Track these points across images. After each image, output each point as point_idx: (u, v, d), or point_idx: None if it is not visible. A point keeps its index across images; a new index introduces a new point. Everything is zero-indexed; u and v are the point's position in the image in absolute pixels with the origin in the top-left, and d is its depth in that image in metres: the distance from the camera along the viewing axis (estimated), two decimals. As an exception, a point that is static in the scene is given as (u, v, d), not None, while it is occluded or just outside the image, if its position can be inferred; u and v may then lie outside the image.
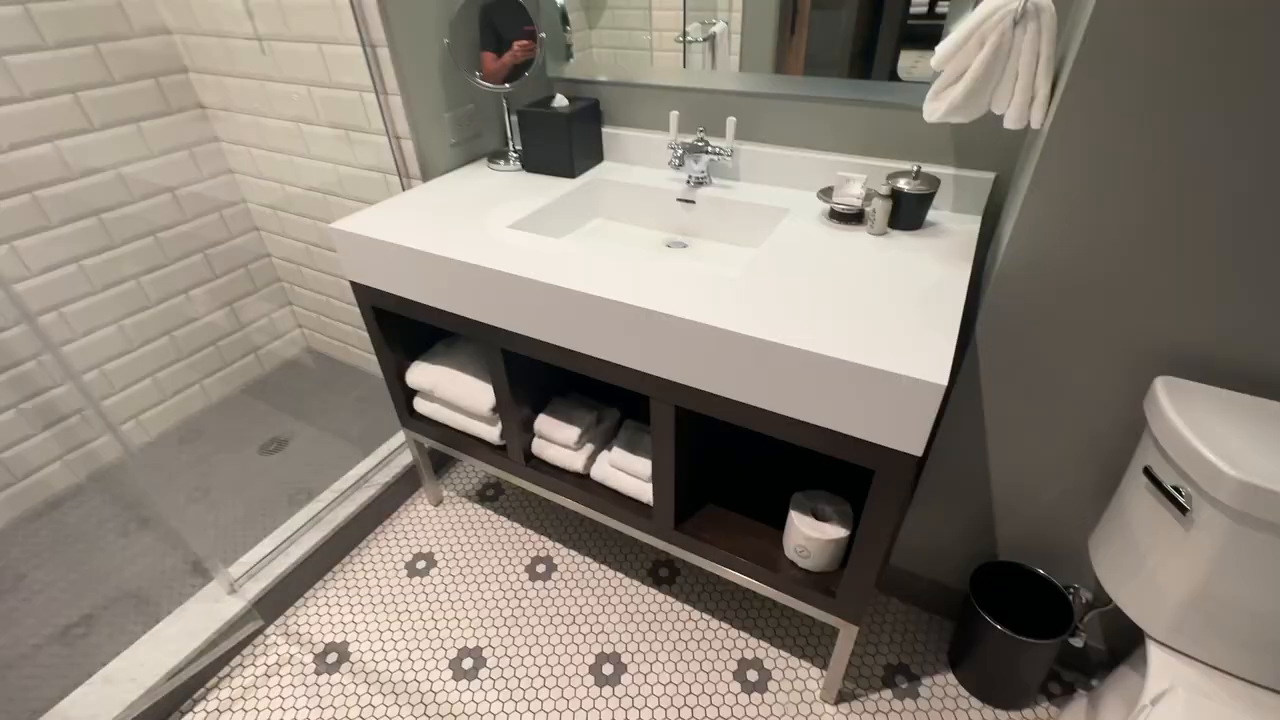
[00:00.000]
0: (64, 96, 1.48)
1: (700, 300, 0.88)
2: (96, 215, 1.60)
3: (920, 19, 1.06)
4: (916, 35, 1.08)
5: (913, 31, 1.08)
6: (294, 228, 1.83)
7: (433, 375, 1.33)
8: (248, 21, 1.44)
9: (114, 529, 1.61)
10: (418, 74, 1.30)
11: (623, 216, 1.36)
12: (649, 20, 1.32)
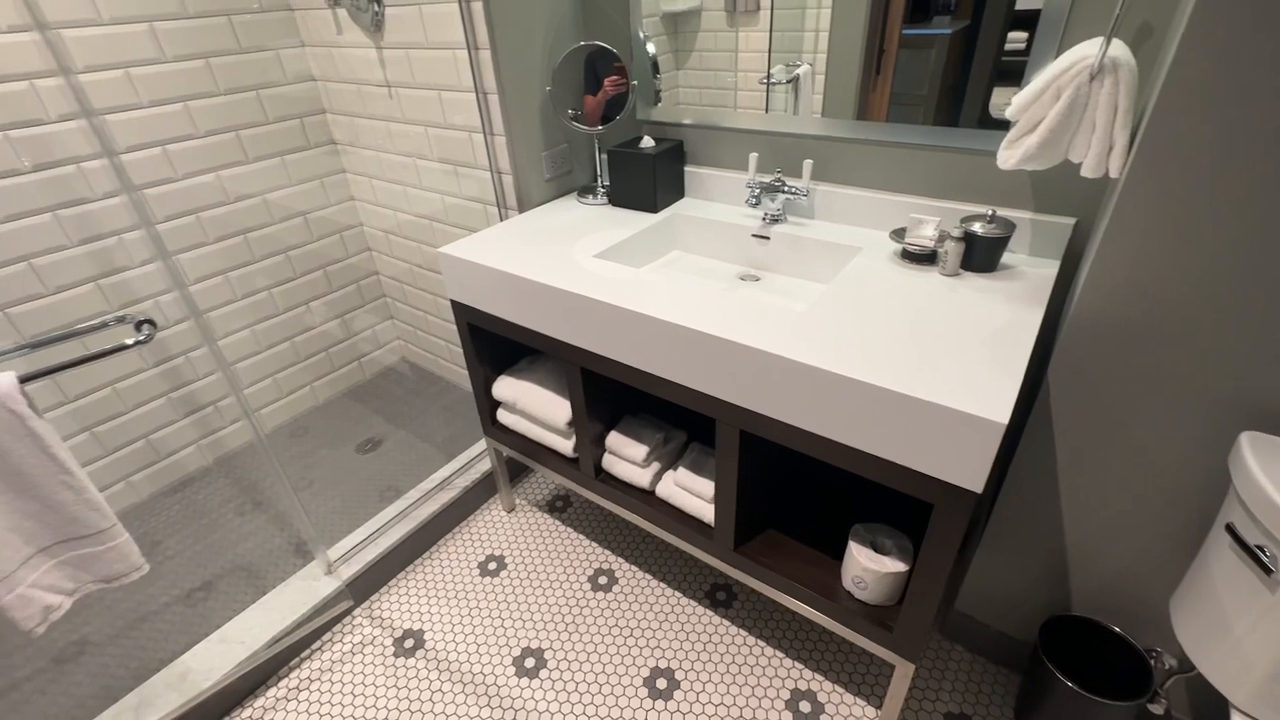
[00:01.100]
0: (228, 134, 1.74)
1: (769, 330, 0.94)
2: (243, 234, 1.86)
3: (1016, 55, 1.05)
4: (1011, 71, 1.06)
5: (1007, 68, 1.07)
6: (401, 250, 2.04)
7: (516, 389, 1.44)
8: (380, 71, 1.65)
9: (233, 509, 1.82)
10: (521, 117, 1.44)
11: (699, 249, 1.44)
12: (735, 62, 1.40)
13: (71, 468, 0.87)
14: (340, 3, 1.56)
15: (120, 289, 1.66)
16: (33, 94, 1.42)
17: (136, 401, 1.76)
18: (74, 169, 1.51)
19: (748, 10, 1.33)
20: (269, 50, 1.76)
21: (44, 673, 1.40)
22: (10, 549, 0.85)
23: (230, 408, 1.98)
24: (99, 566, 0.94)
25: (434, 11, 1.40)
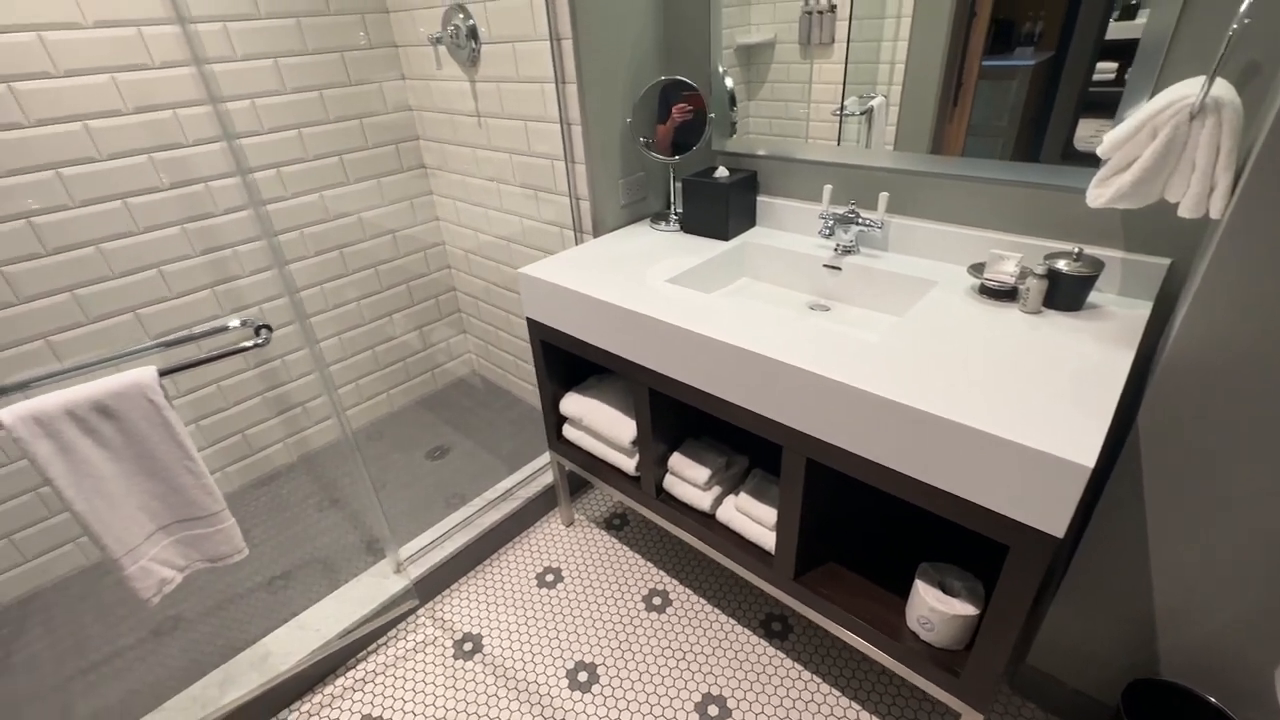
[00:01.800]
0: (333, 158, 1.90)
1: (842, 360, 0.94)
2: (339, 249, 2.01)
3: (1104, 85, 1.02)
4: (1098, 103, 1.04)
5: (1094, 99, 1.04)
6: (479, 268, 2.15)
7: (583, 406, 1.49)
8: (472, 102, 1.76)
9: (313, 504, 1.94)
10: (601, 146, 1.51)
11: (769, 277, 1.45)
12: (807, 93, 1.42)
13: (194, 454, 0.97)
14: (441, 40, 1.69)
15: (231, 296, 1.82)
16: (175, 122, 1.60)
17: (237, 399, 1.92)
18: (202, 187, 1.69)
19: (822, 43, 1.36)
20: (374, 83, 1.92)
21: (144, 643, 1.53)
22: (138, 525, 0.95)
23: (316, 409, 2.12)
24: (208, 546, 1.04)
25: (526, 49, 1.50)
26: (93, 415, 0.87)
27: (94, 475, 0.88)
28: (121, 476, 0.91)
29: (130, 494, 0.93)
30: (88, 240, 1.54)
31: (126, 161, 1.55)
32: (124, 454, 0.91)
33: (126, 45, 1.49)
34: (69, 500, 0.87)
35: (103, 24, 1.44)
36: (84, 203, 1.52)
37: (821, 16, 1.34)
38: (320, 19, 1.76)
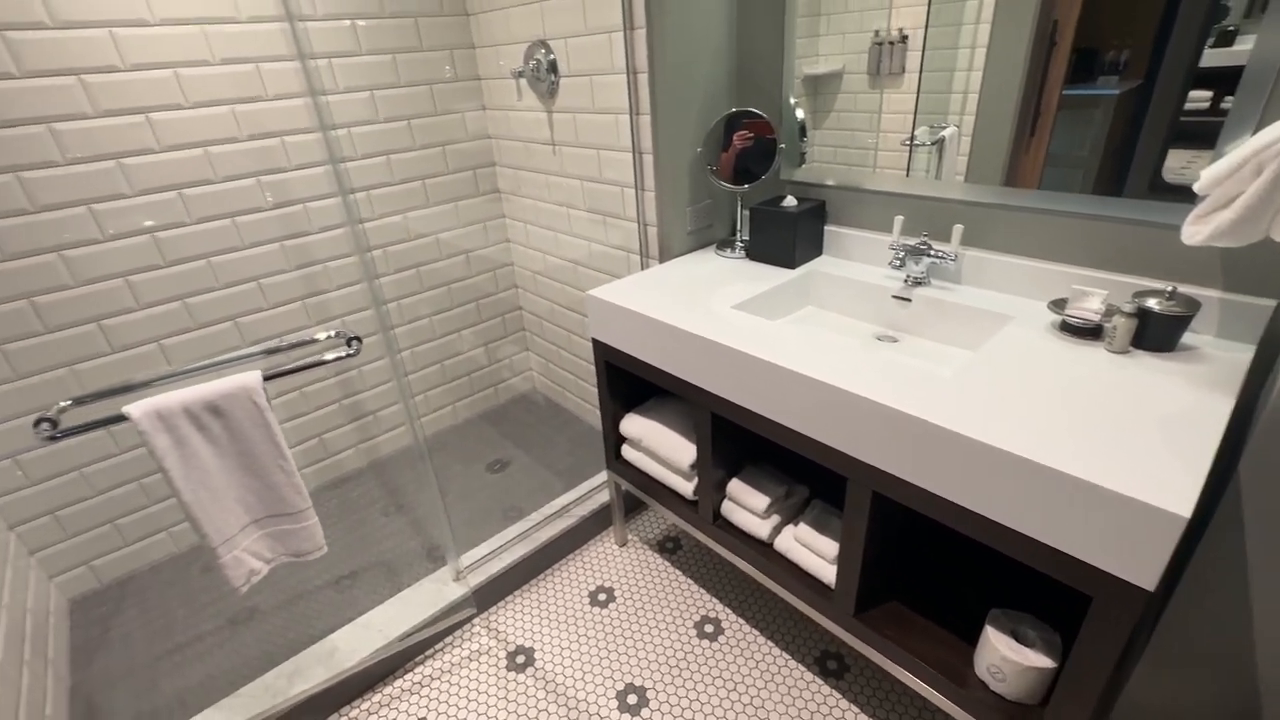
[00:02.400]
0: (416, 183, 2.03)
1: (912, 393, 0.93)
2: (416, 268, 2.13)
3: (1197, 115, 0.98)
4: (1190, 133, 0.99)
5: (1185, 129, 1.00)
6: (546, 289, 2.22)
7: (643, 427, 1.51)
8: (548, 131, 1.85)
9: (379, 509, 2.03)
10: (671, 175, 1.55)
11: (835, 307, 1.45)
12: (875, 123, 1.42)
13: (287, 454, 1.04)
14: (523, 74, 1.78)
15: (318, 308, 1.95)
16: (281, 148, 1.75)
17: (318, 404, 2.04)
18: (300, 208, 1.83)
19: (892, 73, 1.36)
20: (457, 113, 2.05)
21: (221, 630, 1.63)
22: (235, 517, 1.03)
23: (387, 417, 2.23)
24: (293, 542, 1.11)
25: (603, 82, 1.57)
26: (205, 413, 0.95)
27: (201, 468, 0.97)
28: (224, 471, 0.99)
29: (230, 487, 1.01)
30: (200, 254, 1.70)
31: (238, 184, 1.70)
32: (228, 450, 0.99)
33: (246, 80, 1.64)
34: (179, 490, 0.96)
35: (228, 61, 1.61)
36: (199, 220, 1.67)
37: (892, 47, 1.35)
38: (413, 55, 1.90)
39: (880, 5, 1.32)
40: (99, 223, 1.54)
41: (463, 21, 1.96)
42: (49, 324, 1.54)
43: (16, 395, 1.54)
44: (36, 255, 1.48)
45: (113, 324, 1.62)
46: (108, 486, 1.73)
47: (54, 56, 1.40)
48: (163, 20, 1.50)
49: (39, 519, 1.65)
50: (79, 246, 1.53)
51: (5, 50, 1.35)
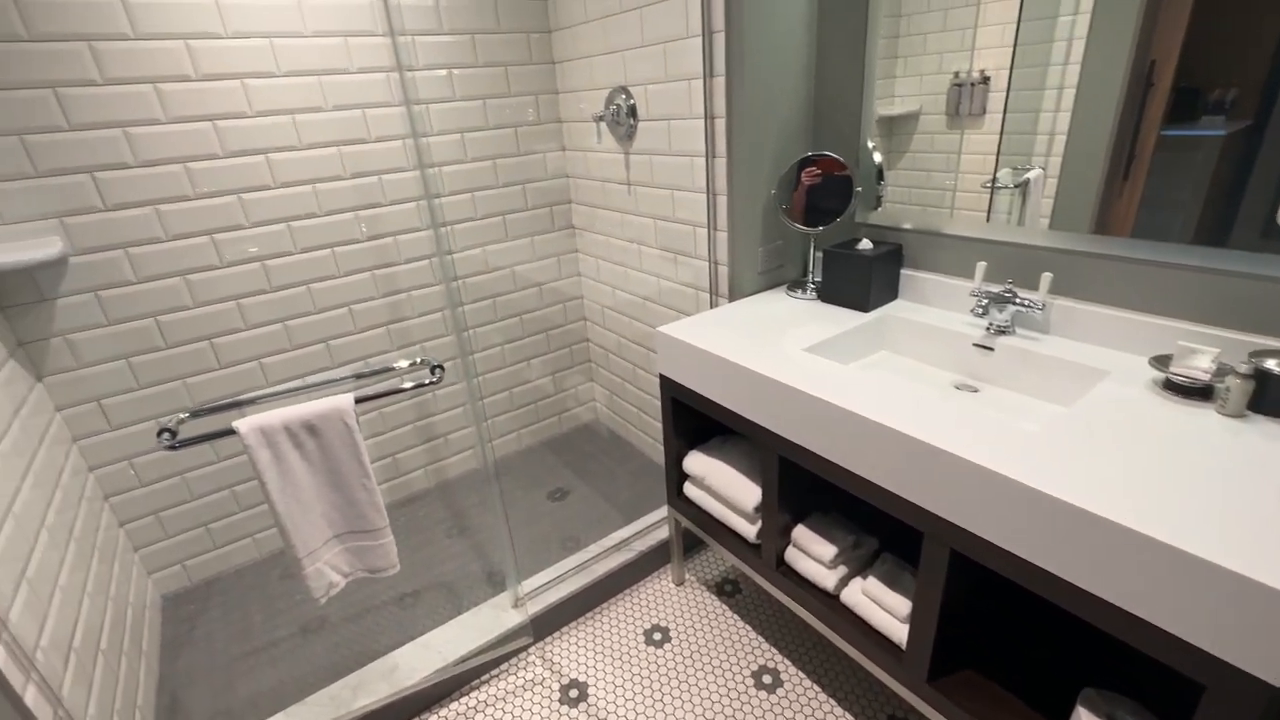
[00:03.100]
0: (497, 218, 2.13)
1: (998, 447, 0.89)
2: (492, 298, 2.22)
3: None
4: None
5: None
6: (614, 323, 2.27)
7: (707, 465, 1.50)
8: (624, 171, 1.91)
9: (443, 530, 2.09)
10: (744, 215, 1.57)
11: (911, 353, 1.41)
12: (953, 164, 1.39)
13: (371, 474, 1.10)
14: (603, 118, 1.86)
15: (400, 334, 2.07)
16: (379, 185, 1.89)
17: (394, 424, 2.14)
18: (391, 240, 1.96)
19: (972, 114, 1.34)
20: (538, 153, 2.15)
21: (294, 637, 1.71)
22: (319, 531, 1.09)
23: (457, 440, 2.31)
24: (369, 558, 1.16)
25: (681, 126, 1.62)
26: (302, 431, 1.02)
27: (295, 483, 1.03)
28: (314, 486, 1.06)
29: (318, 502, 1.08)
30: (302, 281, 1.84)
31: (339, 217, 1.85)
32: (319, 467, 1.06)
33: (352, 125, 1.80)
34: (274, 501, 1.03)
35: (339, 107, 1.76)
36: (303, 249, 1.82)
37: (973, 88, 1.33)
38: (502, 99, 2.02)
39: (961, 47, 1.31)
40: (219, 251, 1.70)
41: (549, 69, 2.08)
42: (169, 340, 1.70)
43: (137, 404, 1.70)
44: (166, 279, 1.65)
45: (222, 342, 1.77)
46: (205, 492, 1.87)
47: (197, 105, 1.58)
48: (287, 72, 1.67)
49: (144, 518, 1.80)
50: (200, 272, 1.69)
51: (158, 104, 1.53)
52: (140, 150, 1.54)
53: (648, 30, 1.63)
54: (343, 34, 1.72)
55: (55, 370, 1.58)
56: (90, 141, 1.49)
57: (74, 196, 1.50)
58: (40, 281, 1.51)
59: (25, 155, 1.43)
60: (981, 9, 1.27)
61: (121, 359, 1.65)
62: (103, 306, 1.60)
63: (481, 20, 1.91)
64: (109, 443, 1.69)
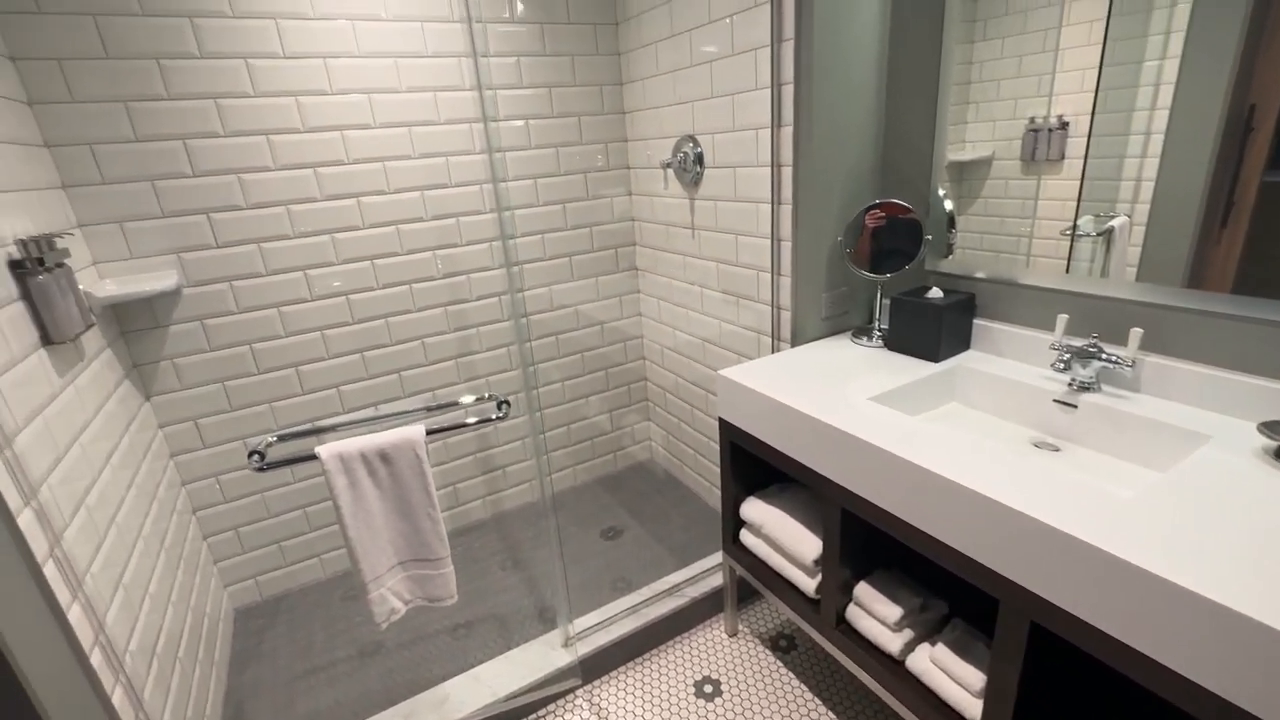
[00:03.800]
0: (564, 259, 2.21)
1: (1084, 514, 0.84)
2: (555, 335, 2.29)
3: None
4: None
5: None
6: (673, 363, 2.28)
7: (765, 513, 1.47)
8: (689, 216, 1.96)
9: (497, 562, 2.11)
10: (808, 261, 1.57)
11: (984, 406, 1.35)
12: (1028, 210, 1.35)
13: (436, 504, 1.14)
14: (670, 165, 1.92)
15: (467, 367, 2.15)
16: (456, 227, 2.00)
17: (456, 454, 2.21)
18: (464, 278, 2.06)
19: (1050, 159, 1.30)
20: (605, 198, 2.23)
21: (351, 659, 1.75)
22: (385, 557, 1.13)
23: (515, 473, 2.36)
24: (430, 587, 1.19)
25: (747, 173, 1.65)
26: (376, 459, 1.08)
27: (367, 509, 1.08)
28: (384, 513, 1.11)
29: (386, 529, 1.12)
30: (381, 314, 1.95)
31: (418, 256, 1.96)
32: (390, 494, 1.10)
33: (436, 170, 1.92)
34: (346, 525, 1.08)
35: (425, 155, 1.89)
36: (384, 285, 1.94)
37: (1050, 134, 1.30)
38: (573, 148, 2.12)
39: (1037, 93, 1.29)
40: (310, 285, 1.84)
41: (619, 119, 2.17)
42: (261, 366, 1.83)
43: (228, 424, 1.83)
44: (263, 310, 1.79)
45: (307, 370, 1.89)
46: (280, 511, 1.97)
47: (302, 154, 1.73)
48: (382, 124, 1.81)
49: (226, 533, 1.91)
50: (292, 304, 1.83)
51: (269, 153, 1.70)
52: (251, 194, 1.70)
53: (717, 83, 1.68)
54: (433, 89, 1.86)
55: (161, 390, 1.73)
56: (209, 186, 1.65)
57: (191, 235, 1.67)
58: (157, 310, 1.67)
59: (155, 198, 1.61)
60: (1061, 55, 1.25)
61: (218, 382, 1.79)
62: (207, 334, 1.74)
63: (559, 75, 2.03)
64: (201, 460, 1.82)
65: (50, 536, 0.99)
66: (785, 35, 1.43)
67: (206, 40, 1.57)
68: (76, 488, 1.14)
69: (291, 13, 1.64)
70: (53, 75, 1.45)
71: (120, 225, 1.59)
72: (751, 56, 1.54)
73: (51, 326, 1.15)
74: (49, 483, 1.04)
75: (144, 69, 1.53)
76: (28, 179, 1.32)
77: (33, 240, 1.16)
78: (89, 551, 1.12)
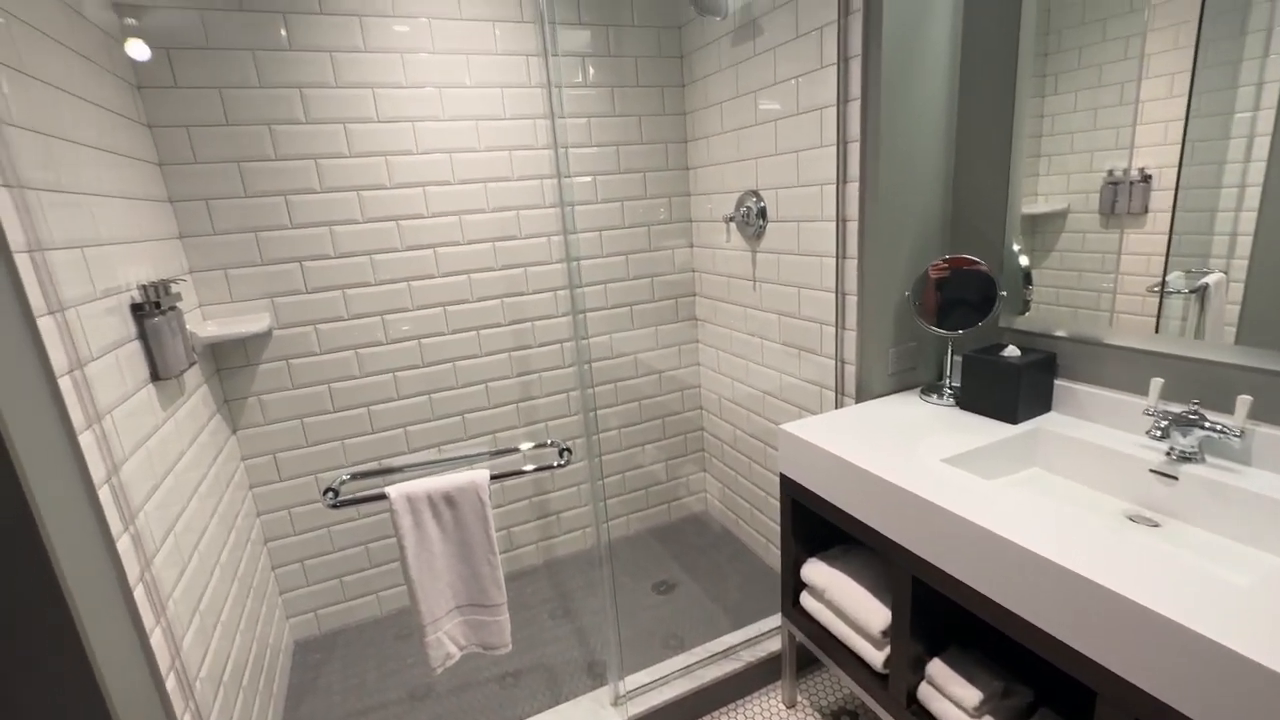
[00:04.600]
0: (625, 308, 2.25)
1: (1194, 601, 0.76)
2: (614, 383, 2.31)
3: None
4: None
5: None
6: (731, 414, 2.26)
7: (828, 576, 1.40)
8: (750, 268, 1.97)
9: (548, 610, 2.09)
10: (874, 315, 1.54)
11: (1069, 473, 1.26)
12: (1107, 263, 1.28)
13: (495, 549, 1.15)
14: (733, 219, 1.95)
15: (528, 411, 2.19)
16: (523, 275, 2.08)
17: (512, 498, 2.23)
18: (529, 325, 2.13)
19: (1131, 213, 1.24)
20: (667, 249, 2.28)
21: (401, 702, 1.75)
22: (444, 600, 1.14)
23: (569, 519, 2.35)
24: (485, 634, 1.19)
25: (811, 228, 1.65)
26: (441, 501, 1.10)
27: (429, 551, 1.10)
28: (445, 555, 1.12)
29: (446, 572, 1.14)
30: (449, 358, 2.03)
31: (486, 303, 2.05)
32: (452, 537, 1.12)
33: (507, 223, 2.02)
34: (409, 566, 1.10)
35: (498, 209, 2.00)
36: (454, 330, 2.02)
37: (1132, 186, 1.25)
38: (638, 201, 2.19)
39: (1115, 146, 1.25)
40: (385, 329, 1.94)
41: (683, 174, 2.23)
42: (337, 405, 1.93)
43: (303, 459, 1.92)
44: (342, 351, 1.90)
45: (378, 409, 1.98)
46: (344, 545, 2.03)
47: (387, 208, 1.87)
48: (460, 180, 1.93)
49: (292, 565, 1.98)
50: (369, 347, 1.93)
51: (358, 207, 1.83)
52: (339, 244, 1.83)
53: (781, 140, 1.71)
54: (509, 148, 1.97)
55: (246, 425, 1.84)
56: (304, 237, 1.79)
57: (285, 281, 1.80)
58: (249, 349, 1.80)
59: (257, 248, 1.75)
60: (1141, 107, 1.21)
61: (297, 419, 1.89)
62: (290, 373, 1.86)
63: (626, 134, 2.12)
64: (277, 492, 1.91)
65: (142, 561, 1.06)
66: (851, 95, 1.45)
67: (312, 108, 1.73)
68: (168, 514, 1.21)
69: (387, 83, 1.79)
70: (180, 140, 1.63)
71: (225, 272, 1.73)
72: (817, 115, 1.57)
73: (161, 364, 1.25)
74: (145, 509, 1.12)
75: (257, 133, 1.69)
76: (152, 230, 1.47)
77: (152, 285, 1.28)
78: (173, 576, 1.18)
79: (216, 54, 1.62)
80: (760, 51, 1.74)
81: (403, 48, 1.79)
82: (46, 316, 0.91)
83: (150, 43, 1.55)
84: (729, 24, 1.86)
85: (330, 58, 1.73)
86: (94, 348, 1.04)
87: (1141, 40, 1.19)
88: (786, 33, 1.63)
